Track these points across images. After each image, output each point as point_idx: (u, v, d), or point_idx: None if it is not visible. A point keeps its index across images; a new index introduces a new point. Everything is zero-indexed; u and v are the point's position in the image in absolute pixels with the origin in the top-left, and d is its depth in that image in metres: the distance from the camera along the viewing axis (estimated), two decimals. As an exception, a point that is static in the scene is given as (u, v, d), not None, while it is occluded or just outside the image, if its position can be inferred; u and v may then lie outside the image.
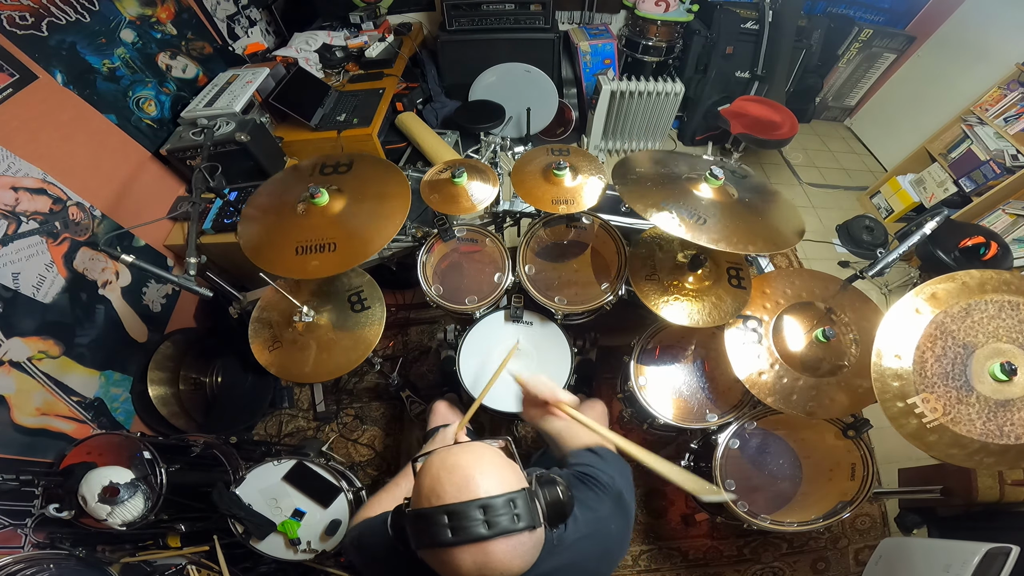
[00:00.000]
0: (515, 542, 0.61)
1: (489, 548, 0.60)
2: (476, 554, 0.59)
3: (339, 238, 1.24)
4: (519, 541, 0.62)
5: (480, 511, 0.60)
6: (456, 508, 0.60)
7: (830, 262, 2.75)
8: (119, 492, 1.18)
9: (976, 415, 0.96)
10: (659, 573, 1.76)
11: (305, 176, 1.38)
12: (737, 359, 1.30)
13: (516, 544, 0.62)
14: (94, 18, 1.66)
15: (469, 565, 0.60)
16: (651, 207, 1.23)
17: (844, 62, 3.32)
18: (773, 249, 1.26)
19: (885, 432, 1.08)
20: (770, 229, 1.30)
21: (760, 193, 1.41)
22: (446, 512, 0.60)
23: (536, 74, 2.89)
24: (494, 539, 0.60)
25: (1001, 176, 2.41)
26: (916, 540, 1.46)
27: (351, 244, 1.24)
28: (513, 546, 0.61)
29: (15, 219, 1.38)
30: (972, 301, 1.02)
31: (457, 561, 0.60)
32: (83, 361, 1.54)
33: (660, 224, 1.21)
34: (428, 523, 0.61)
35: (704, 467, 1.40)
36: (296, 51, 2.48)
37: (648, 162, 1.46)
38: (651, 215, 1.22)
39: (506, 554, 0.61)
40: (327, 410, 2.09)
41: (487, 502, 0.61)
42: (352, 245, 1.24)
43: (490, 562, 0.60)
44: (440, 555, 0.61)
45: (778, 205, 1.40)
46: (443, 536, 0.59)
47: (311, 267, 1.22)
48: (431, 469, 0.66)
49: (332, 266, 1.23)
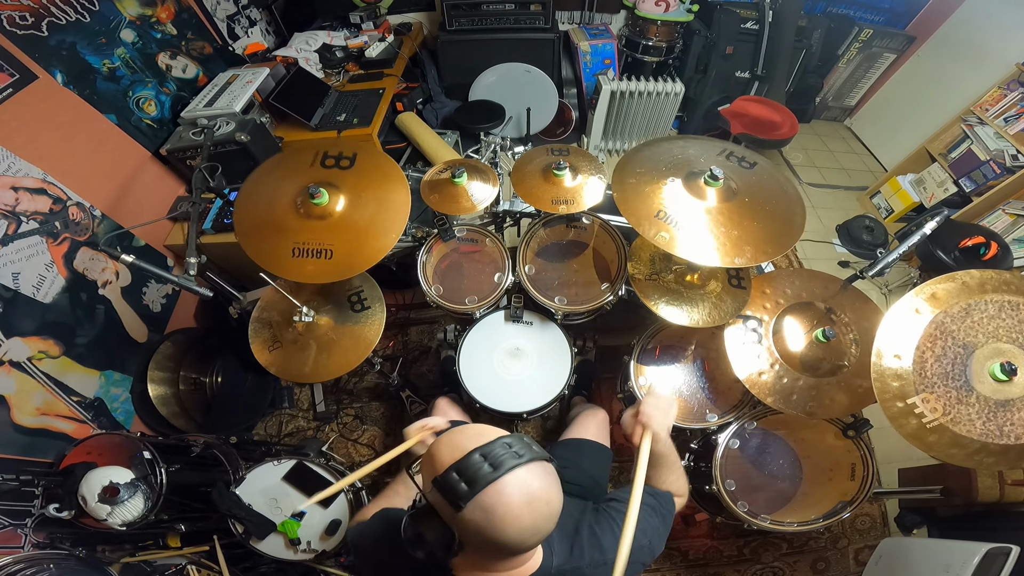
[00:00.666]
0: (545, 468, 0.65)
1: (528, 473, 0.62)
2: (520, 483, 0.61)
3: (336, 244, 1.23)
4: (546, 468, 0.65)
5: (505, 447, 0.64)
6: (485, 447, 0.63)
7: (830, 262, 2.75)
8: (119, 492, 1.18)
9: (976, 415, 0.96)
10: (659, 573, 1.76)
11: (305, 165, 1.35)
12: (737, 359, 1.30)
13: (547, 470, 0.65)
14: (94, 18, 1.66)
15: (518, 496, 0.60)
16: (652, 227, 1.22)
17: (844, 62, 3.32)
18: (778, 252, 1.23)
19: (885, 432, 1.08)
20: (773, 231, 1.25)
21: (764, 184, 1.35)
22: (479, 452, 0.63)
23: (536, 74, 2.89)
24: (529, 463, 0.63)
25: (1001, 176, 2.41)
26: (916, 540, 1.46)
27: (348, 252, 1.23)
28: (545, 471, 0.65)
29: (15, 219, 1.38)
30: (972, 301, 1.02)
31: (507, 495, 0.60)
32: (83, 361, 1.54)
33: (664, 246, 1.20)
34: (466, 468, 0.61)
35: (704, 467, 1.40)
36: (296, 51, 2.48)
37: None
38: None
39: (543, 479, 0.63)
40: (327, 410, 2.09)
41: (505, 439, 0.65)
42: (349, 253, 1.23)
43: (535, 487, 0.62)
44: (488, 497, 0.60)
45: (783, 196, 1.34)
46: (485, 472, 0.60)
47: (306, 272, 1.22)
48: (441, 441, 0.69)
49: (328, 274, 1.23)
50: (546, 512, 0.63)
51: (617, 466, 1.95)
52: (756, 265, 1.35)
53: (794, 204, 1.28)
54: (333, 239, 1.24)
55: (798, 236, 1.23)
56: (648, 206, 1.24)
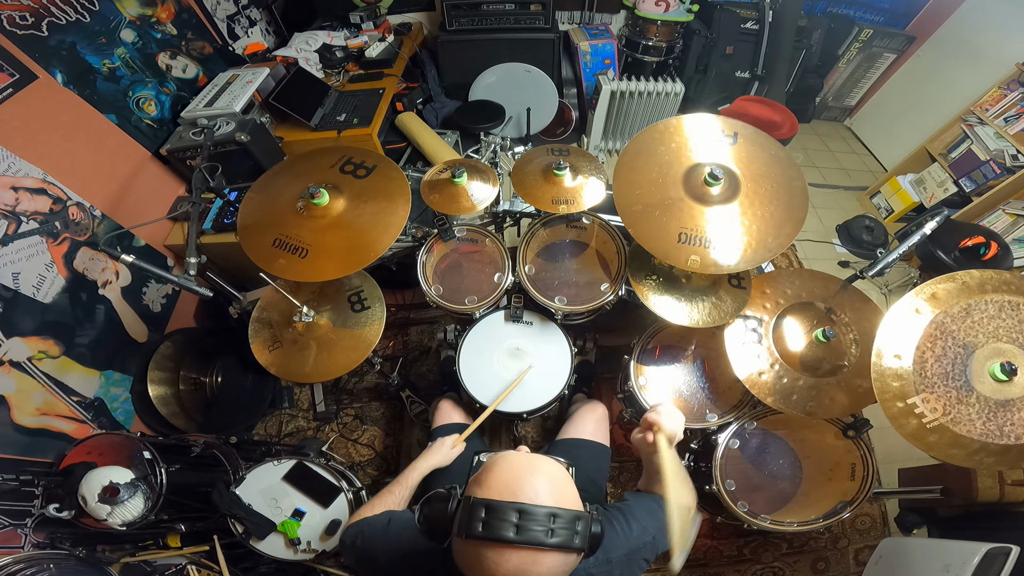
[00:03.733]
0: (563, 560, 0.61)
1: (541, 557, 0.59)
2: (526, 559, 0.59)
3: (313, 246, 1.24)
4: (566, 560, 0.61)
5: (550, 519, 0.60)
6: (530, 508, 0.60)
7: (830, 262, 2.75)
8: (119, 492, 1.18)
9: (976, 415, 0.96)
10: (659, 573, 1.76)
11: (327, 166, 1.37)
12: (737, 359, 1.30)
13: (564, 562, 0.61)
14: (94, 18, 1.66)
15: (512, 567, 0.59)
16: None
17: (844, 62, 3.32)
18: (795, 230, 1.22)
19: (885, 432, 1.08)
20: (782, 207, 1.25)
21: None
22: (518, 509, 0.60)
23: (536, 74, 2.89)
24: (551, 551, 0.59)
25: (1001, 176, 2.41)
26: (916, 540, 1.46)
27: (320, 258, 1.24)
28: (561, 562, 0.61)
29: (15, 219, 1.38)
30: (972, 301, 1.02)
31: (504, 559, 0.59)
32: (83, 361, 1.54)
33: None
34: (496, 515, 0.60)
35: (704, 467, 1.40)
36: (296, 51, 2.48)
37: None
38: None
39: (551, 568, 0.60)
40: (327, 410, 2.09)
41: (558, 512, 0.61)
42: (321, 259, 1.23)
43: (534, 571, 0.59)
44: (488, 550, 0.59)
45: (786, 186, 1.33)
46: (506, 532, 0.58)
47: (277, 264, 1.22)
48: (511, 465, 0.66)
49: (294, 272, 1.23)
50: None
51: (617, 466, 1.95)
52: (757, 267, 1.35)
53: (788, 168, 1.29)
54: (313, 240, 1.25)
55: (805, 202, 1.24)
56: (666, 233, 1.22)
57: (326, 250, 1.25)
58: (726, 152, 1.31)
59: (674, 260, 1.21)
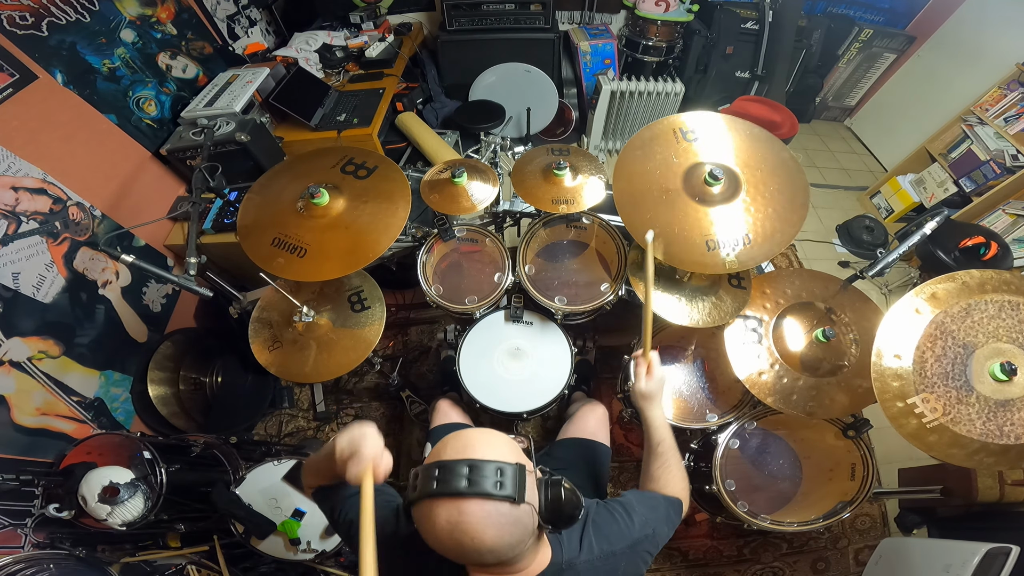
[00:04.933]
0: (492, 508, 0.61)
1: (464, 506, 0.61)
2: (451, 510, 0.61)
3: (311, 246, 1.24)
4: (496, 508, 0.62)
5: (466, 468, 0.62)
6: (446, 463, 0.63)
7: (830, 262, 2.75)
8: (119, 492, 1.18)
9: (976, 415, 0.96)
10: (659, 573, 1.76)
11: (327, 165, 1.37)
12: (737, 359, 1.30)
13: (492, 510, 0.61)
14: (94, 18, 1.66)
15: (443, 520, 0.61)
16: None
17: (844, 62, 3.32)
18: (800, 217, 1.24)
19: (885, 432, 1.08)
20: (787, 192, 1.28)
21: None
22: (438, 466, 0.63)
23: (536, 74, 2.89)
24: (471, 498, 0.61)
25: (1001, 176, 2.41)
26: (916, 540, 1.46)
27: (318, 259, 1.24)
28: (488, 512, 0.61)
29: (15, 219, 1.38)
30: (972, 301, 1.02)
31: (434, 514, 0.62)
32: (83, 361, 1.54)
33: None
34: (421, 476, 0.64)
35: (704, 467, 1.40)
36: (296, 51, 2.48)
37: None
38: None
39: (480, 518, 0.61)
40: (327, 410, 2.09)
41: (474, 463, 0.63)
42: (319, 260, 1.24)
43: (463, 521, 0.60)
44: (423, 507, 0.63)
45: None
46: (428, 486, 0.62)
47: (275, 263, 1.23)
48: (447, 438, 0.69)
49: (292, 271, 1.23)
50: (469, 546, 0.61)
51: (617, 466, 1.95)
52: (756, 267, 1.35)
53: (780, 151, 1.33)
54: (312, 240, 1.25)
55: (805, 185, 1.27)
56: (694, 241, 1.23)
57: (325, 250, 1.25)
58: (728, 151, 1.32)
59: (710, 268, 1.23)
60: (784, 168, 1.30)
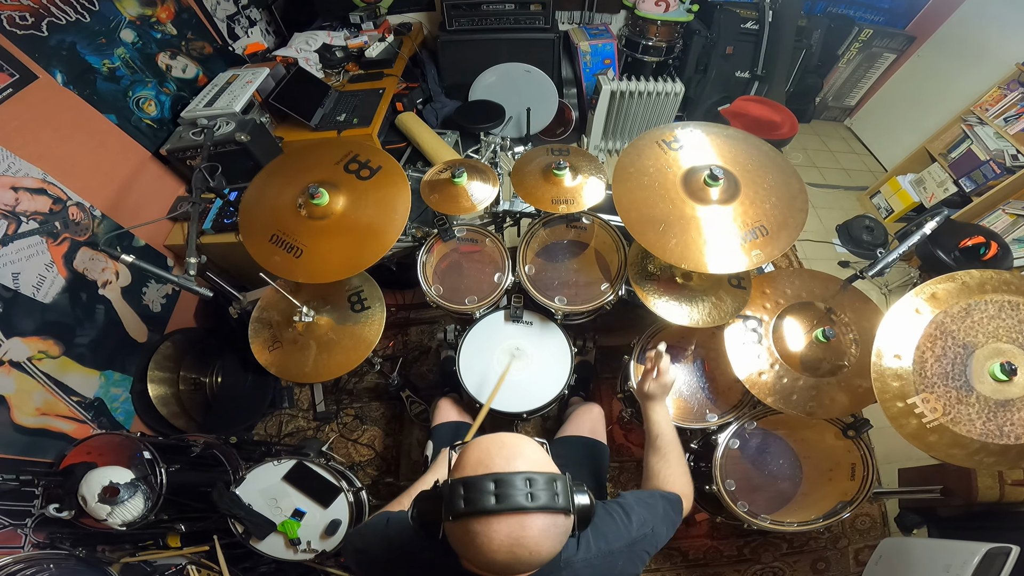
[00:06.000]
0: (552, 521, 0.61)
1: (527, 521, 0.59)
2: (514, 525, 0.59)
3: (308, 247, 1.24)
4: (555, 521, 0.61)
5: (526, 483, 0.60)
6: (504, 476, 0.60)
7: (830, 262, 2.75)
8: (119, 492, 1.18)
9: (976, 415, 0.96)
10: (659, 573, 1.76)
11: (330, 162, 1.36)
12: (737, 359, 1.30)
13: (552, 523, 0.61)
14: (94, 18, 1.66)
15: (503, 536, 0.58)
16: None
17: (844, 62, 3.32)
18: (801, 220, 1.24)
19: (885, 432, 1.08)
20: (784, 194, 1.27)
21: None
22: (494, 479, 0.60)
23: (536, 74, 2.89)
24: (535, 512, 0.59)
25: (1001, 176, 2.41)
26: (916, 540, 1.46)
27: (314, 259, 1.24)
28: (549, 524, 0.61)
29: (15, 219, 1.38)
30: (972, 301, 1.02)
31: (493, 531, 0.59)
32: (83, 361, 1.54)
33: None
34: (473, 489, 0.60)
35: (704, 467, 1.40)
36: (296, 51, 2.48)
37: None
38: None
39: (541, 531, 0.60)
40: (327, 410, 2.09)
41: (533, 476, 0.61)
42: (315, 261, 1.24)
43: (525, 536, 0.59)
44: (476, 524, 0.60)
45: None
46: (486, 502, 0.59)
47: (272, 260, 1.23)
48: (480, 444, 0.67)
49: (288, 270, 1.24)
50: (526, 560, 0.60)
51: (617, 466, 1.95)
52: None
53: (759, 144, 1.32)
54: (307, 241, 1.25)
55: (802, 188, 1.26)
56: (718, 243, 1.22)
57: (321, 252, 1.25)
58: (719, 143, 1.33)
59: (747, 266, 1.21)
60: (766, 159, 1.32)
